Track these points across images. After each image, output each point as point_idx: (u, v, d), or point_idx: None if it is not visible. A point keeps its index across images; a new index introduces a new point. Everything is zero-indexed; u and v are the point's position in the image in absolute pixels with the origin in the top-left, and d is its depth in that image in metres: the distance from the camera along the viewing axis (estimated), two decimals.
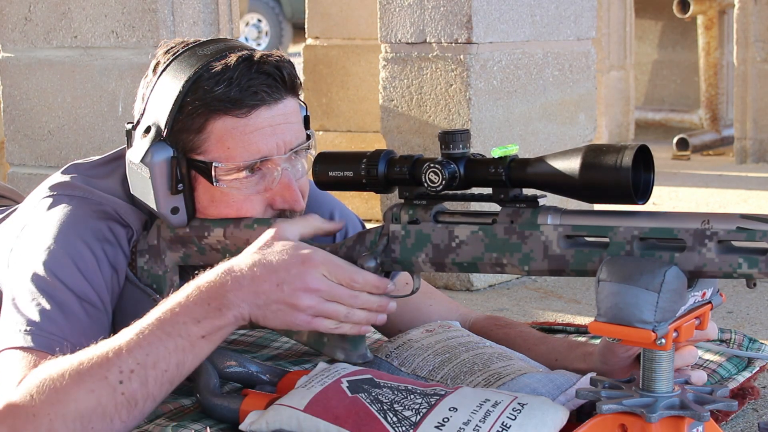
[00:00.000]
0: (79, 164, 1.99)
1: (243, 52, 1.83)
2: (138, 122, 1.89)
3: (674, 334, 1.56)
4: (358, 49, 4.58)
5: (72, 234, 1.84)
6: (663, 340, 1.53)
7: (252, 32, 13.23)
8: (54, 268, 1.80)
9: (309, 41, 4.73)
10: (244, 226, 1.86)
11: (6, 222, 2.02)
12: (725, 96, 6.90)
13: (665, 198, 4.87)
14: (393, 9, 3.28)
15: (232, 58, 1.82)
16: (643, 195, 1.60)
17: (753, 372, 2.13)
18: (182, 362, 1.67)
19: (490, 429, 1.61)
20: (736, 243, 1.54)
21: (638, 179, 1.58)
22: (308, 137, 1.91)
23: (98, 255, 1.85)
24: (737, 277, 1.54)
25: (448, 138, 1.71)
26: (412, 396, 1.69)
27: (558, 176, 1.62)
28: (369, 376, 1.75)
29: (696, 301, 1.61)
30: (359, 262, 1.75)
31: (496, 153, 1.68)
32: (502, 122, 3.27)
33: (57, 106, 3.31)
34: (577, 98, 3.54)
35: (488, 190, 1.72)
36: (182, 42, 1.90)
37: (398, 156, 1.77)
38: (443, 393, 1.69)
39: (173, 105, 1.83)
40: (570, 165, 1.60)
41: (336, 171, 1.80)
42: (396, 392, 1.70)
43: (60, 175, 1.96)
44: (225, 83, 1.81)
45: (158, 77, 1.87)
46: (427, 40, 3.24)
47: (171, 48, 1.89)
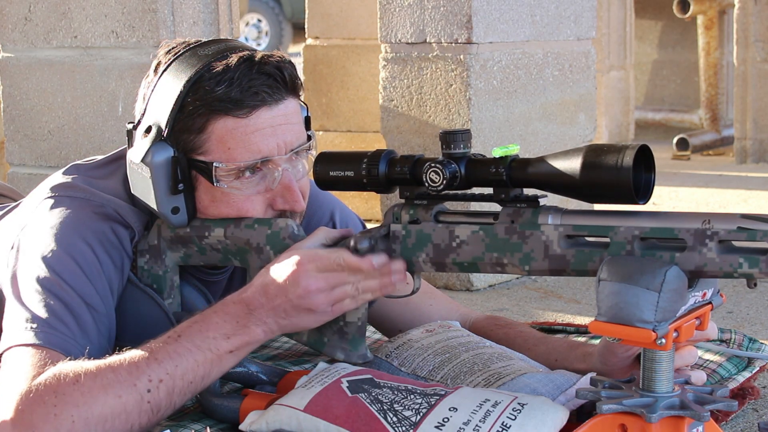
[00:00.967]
0: (80, 165, 1.99)
1: (244, 53, 1.83)
2: (139, 122, 1.89)
3: (674, 334, 1.56)
4: (358, 49, 4.58)
5: (74, 235, 1.84)
6: (663, 340, 1.53)
7: (252, 32, 13.23)
8: (58, 269, 1.80)
9: (309, 41, 4.73)
10: (245, 226, 1.86)
11: (6, 220, 2.02)
12: (725, 96, 6.90)
13: (665, 198, 4.87)
14: (393, 9, 3.28)
15: (233, 59, 1.82)
16: (644, 195, 1.59)
17: (753, 372, 2.13)
18: (207, 375, 1.72)
19: (490, 429, 1.61)
20: (737, 243, 1.54)
21: (639, 179, 1.58)
22: (309, 138, 1.91)
23: (101, 257, 1.85)
24: (738, 277, 1.54)
25: (449, 138, 1.71)
26: (412, 396, 1.69)
27: (559, 176, 1.62)
28: (369, 376, 1.75)
29: (696, 301, 1.61)
30: (353, 242, 1.77)
31: (497, 153, 1.68)
32: (502, 122, 3.27)
33: (57, 106, 3.31)
34: (577, 98, 3.54)
35: (489, 190, 1.72)
36: (183, 42, 1.90)
37: (399, 156, 1.77)
38: (443, 393, 1.69)
39: (174, 105, 1.83)
40: (571, 165, 1.60)
41: (337, 171, 1.80)
42: (396, 392, 1.70)
43: (61, 176, 1.95)
44: (226, 83, 1.81)
45: (159, 77, 1.87)
46: (427, 40, 3.23)
47: (172, 48, 1.89)
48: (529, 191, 1.69)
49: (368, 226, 1.92)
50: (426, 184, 1.71)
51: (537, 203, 1.68)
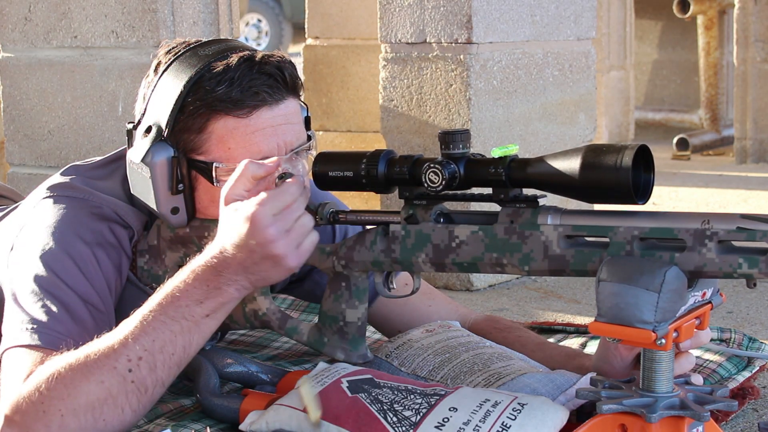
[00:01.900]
0: (79, 165, 1.99)
1: (244, 53, 1.83)
2: (139, 122, 1.89)
3: (674, 334, 1.56)
4: (358, 49, 4.58)
5: (72, 235, 1.84)
6: (663, 341, 1.53)
7: (252, 32, 13.23)
8: (56, 269, 1.80)
9: (309, 41, 4.73)
10: None
11: (5, 221, 2.02)
12: (725, 96, 6.90)
13: (665, 198, 4.87)
14: (393, 9, 3.28)
15: (234, 59, 1.82)
16: (643, 195, 1.60)
17: (753, 372, 2.13)
18: (189, 343, 1.70)
19: (490, 429, 1.61)
20: (737, 243, 1.54)
21: (638, 179, 1.58)
22: (309, 138, 1.91)
23: (99, 256, 1.85)
24: (737, 277, 1.54)
25: (448, 138, 1.71)
26: (412, 396, 1.69)
27: (558, 176, 1.62)
28: (369, 376, 1.75)
29: (696, 301, 1.61)
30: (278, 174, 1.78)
31: (496, 153, 1.68)
32: (502, 122, 3.27)
33: (57, 106, 3.31)
34: (577, 98, 3.54)
35: (488, 190, 1.72)
36: (184, 42, 1.90)
37: (398, 156, 1.77)
38: (443, 393, 1.69)
39: (174, 105, 1.83)
40: (570, 165, 1.60)
41: (336, 171, 1.80)
42: (396, 392, 1.70)
43: (60, 177, 1.96)
44: (226, 83, 1.81)
45: (159, 77, 1.87)
46: (427, 40, 3.23)
47: (172, 48, 1.89)
48: (529, 191, 1.69)
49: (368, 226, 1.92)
50: (425, 185, 1.71)
51: (536, 203, 1.68)
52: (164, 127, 1.84)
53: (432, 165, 1.70)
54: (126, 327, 1.69)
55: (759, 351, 2.21)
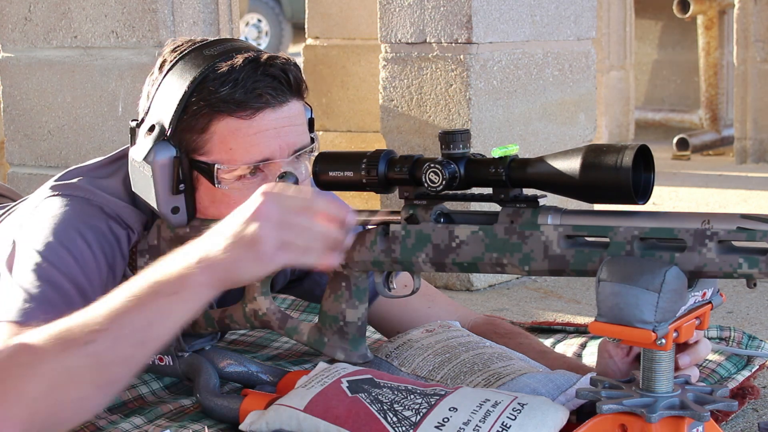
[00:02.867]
0: (81, 167, 1.99)
1: (249, 54, 1.83)
2: (142, 120, 1.89)
3: (674, 334, 1.56)
4: (358, 49, 4.58)
5: (72, 230, 1.84)
6: (663, 341, 1.53)
7: (252, 32, 13.22)
8: (53, 260, 1.80)
9: (309, 41, 4.73)
10: None
11: (6, 219, 2.02)
12: (725, 96, 6.90)
13: (665, 198, 4.87)
14: (393, 9, 3.28)
15: (239, 60, 1.82)
16: (644, 195, 1.60)
17: (752, 371, 2.13)
18: (153, 321, 1.57)
19: (490, 429, 1.61)
20: (737, 243, 1.54)
21: (638, 179, 1.58)
22: (312, 140, 1.91)
23: (97, 254, 1.85)
24: (737, 277, 1.54)
25: (449, 138, 1.71)
26: (412, 396, 1.69)
27: (558, 176, 1.62)
28: (369, 376, 1.75)
29: (696, 301, 1.61)
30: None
31: (497, 153, 1.68)
32: (502, 122, 3.27)
33: (57, 106, 3.31)
34: (577, 98, 3.54)
35: (488, 190, 1.72)
36: (189, 41, 1.90)
37: (398, 156, 1.77)
38: (443, 393, 1.69)
39: (178, 105, 1.83)
40: (570, 165, 1.60)
41: (336, 171, 1.80)
42: (396, 392, 1.70)
43: (62, 177, 1.96)
44: (230, 84, 1.81)
45: (164, 76, 1.87)
46: (427, 40, 3.23)
47: (178, 47, 1.89)
48: (529, 191, 1.69)
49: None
50: (425, 185, 1.71)
51: (536, 203, 1.68)
52: (167, 127, 1.84)
53: (432, 165, 1.70)
54: (95, 304, 1.60)
55: (759, 349, 2.21)
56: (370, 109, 4.38)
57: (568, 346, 2.28)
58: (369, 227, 1.85)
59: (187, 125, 1.84)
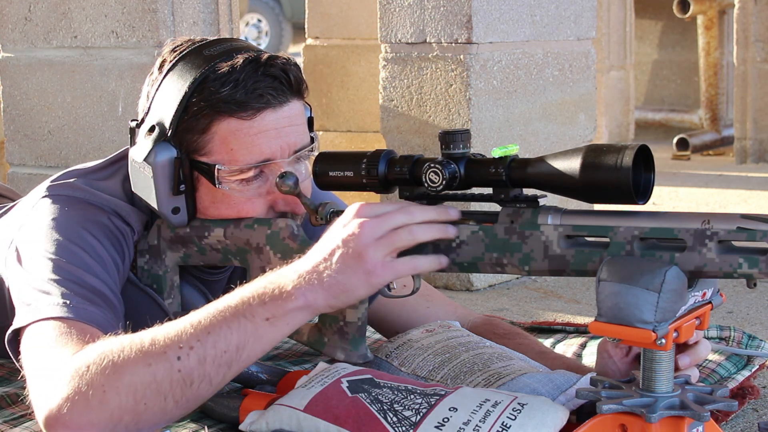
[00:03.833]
0: (78, 169, 1.99)
1: (249, 54, 1.83)
2: (142, 120, 1.89)
3: (674, 334, 1.56)
4: (358, 49, 4.58)
5: (78, 227, 1.82)
6: (663, 340, 1.53)
7: (252, 32, 13.23)
8: (70, 259, 1.77)
9: (309, 41, 4.73)
10: (244, 227, 1.86)
11: (4, 219, 2.02)
12: (725, 96, 6.90)
13: (665, 198, 4.87)
14: (393, 9, 3.28)
15: (239, 60, 1.82)
16: (644, 195, 1.59)
17: (752, 370, 2.13)
18: (243, 345, 1.61)
19: (490, 429, 1.61)
20: (737, 243, 1.54)
21: (638, 179, 1.58)
22: (312, 140, 1.91)
23: (107, 247, 1.84)
24: (737, 277, 1.54)
25: (449, 138, 1.71)
26: (412, 396, 1.69)
27: (558, 176, 1.62)
28: (369, 376, 1.75)
29: (696, 301, 1.61)
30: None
31: (497, 153, 1.67)
32: (502, 122, 3.27)
33: (57, 106, 3.31)
34: (577, 98, 3.54)
35: (488, 190, 1.72)
36: (189, 41, 1.89)
37: (398, 156, 1.77)
38: (443, 393, 1.69)
39: (178, 105, 1.83)
40: (570, 165, 1.60)
41: (336, 171, 1.79)
42: (396, 392, 1.70)
43: (59, 178, 1.95)
44: (231, 85, 1.81)
45: (164, 76, 1.86)
46: (427, 40, 3.24)
47: (177, 46, 1.89)
48: (529, 191, 1.69)
49: None
50: (425, 185, 1.71)
51: (537, 203, 1.68)
52: (168, 127, 1.84)
53: (432, 165, 1.70)
54: (188, 317, 1.63)
55: (759, 349, 2.21)
56: (370, 109, 4.38)
57: (568, 346, 2.28)
58: None
59: (188, 126, 1.83)
